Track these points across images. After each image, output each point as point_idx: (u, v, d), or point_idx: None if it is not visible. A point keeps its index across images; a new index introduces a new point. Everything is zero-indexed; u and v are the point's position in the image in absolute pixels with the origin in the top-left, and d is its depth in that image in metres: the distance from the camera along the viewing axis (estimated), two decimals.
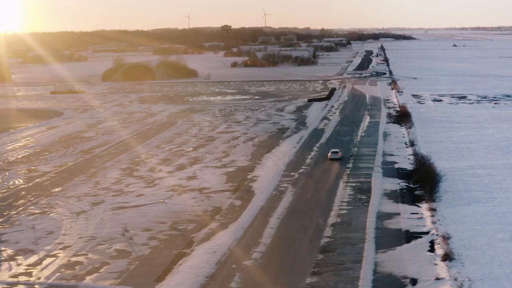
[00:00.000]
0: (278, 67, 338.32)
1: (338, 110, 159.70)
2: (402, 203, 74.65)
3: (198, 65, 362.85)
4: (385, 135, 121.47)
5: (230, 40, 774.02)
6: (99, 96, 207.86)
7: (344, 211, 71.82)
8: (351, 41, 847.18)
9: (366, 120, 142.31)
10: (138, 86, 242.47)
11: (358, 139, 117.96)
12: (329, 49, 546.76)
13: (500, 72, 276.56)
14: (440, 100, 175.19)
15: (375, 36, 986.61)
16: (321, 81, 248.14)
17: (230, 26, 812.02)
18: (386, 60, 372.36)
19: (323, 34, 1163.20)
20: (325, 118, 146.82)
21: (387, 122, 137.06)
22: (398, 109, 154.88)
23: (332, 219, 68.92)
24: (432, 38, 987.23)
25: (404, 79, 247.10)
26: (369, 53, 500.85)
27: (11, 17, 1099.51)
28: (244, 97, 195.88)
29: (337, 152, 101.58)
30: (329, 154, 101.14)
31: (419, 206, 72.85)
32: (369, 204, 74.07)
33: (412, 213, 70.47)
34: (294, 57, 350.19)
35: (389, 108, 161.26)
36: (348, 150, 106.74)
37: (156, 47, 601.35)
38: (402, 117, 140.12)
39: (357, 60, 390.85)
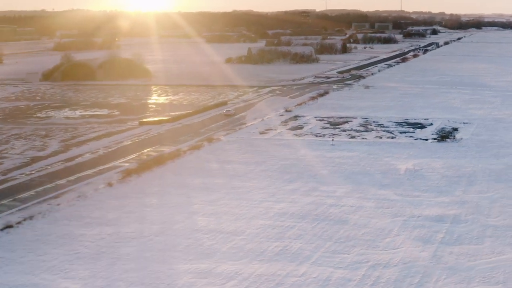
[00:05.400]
0: (272, 64, 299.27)
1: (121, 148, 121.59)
2: None
3: (200, 58, 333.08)
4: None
5: (308, 26, 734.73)
6: None
7: None
8: (443, 30, 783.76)
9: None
10: (55, 89, 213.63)
11: None
12: (387, 40, 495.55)
13: (495, 80, 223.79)
14: (301, 128, 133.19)
15: (478, 25, 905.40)
16: (256, 88, 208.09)
17: (309, 12, 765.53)
18: (405, 59, 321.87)
19: (432, 20, 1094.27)
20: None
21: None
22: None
23: None
24: None
25: (356, 87, 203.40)
26: (425, 46, 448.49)
27: None
28: (99, 112, 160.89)
29: (230, 110, 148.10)
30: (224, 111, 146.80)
31: None
32: None
33: None
34: (293, 54, 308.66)
35: (202, 140, 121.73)
36: None
37: (211, 35, 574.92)
38: (155, 162, 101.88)
39: (379, 57, 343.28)
